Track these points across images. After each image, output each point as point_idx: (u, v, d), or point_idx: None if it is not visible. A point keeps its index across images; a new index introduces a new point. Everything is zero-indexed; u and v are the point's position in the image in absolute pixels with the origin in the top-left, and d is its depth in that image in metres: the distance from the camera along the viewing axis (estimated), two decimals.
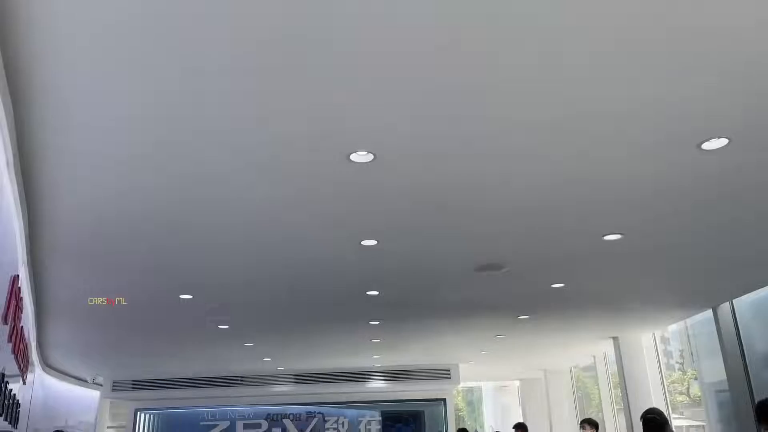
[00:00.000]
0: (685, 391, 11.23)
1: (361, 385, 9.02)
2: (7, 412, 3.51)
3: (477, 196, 2.90)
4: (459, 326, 6.08)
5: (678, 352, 13.43)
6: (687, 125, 2.30)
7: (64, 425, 7.33)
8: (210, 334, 5.92)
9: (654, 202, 3.00)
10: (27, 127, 2.19)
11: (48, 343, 6.05)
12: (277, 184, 2.73)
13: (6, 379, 3.18)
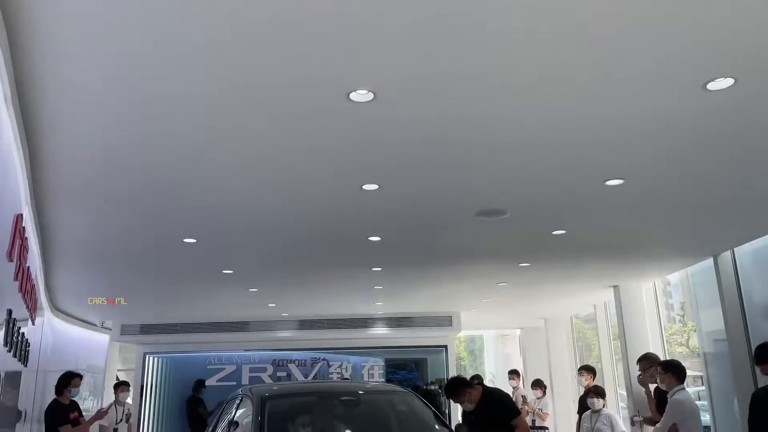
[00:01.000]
0: (684, 342, 11.41)
1: (363, 332, 9.20)
2: (17, 349, 3.60)
3: (479, 138, 2.88)
4: (460, 273, 6.14)
5: (679, 305, 13.57)
6: (692, 64, 2.26)
7: (75, 368, 7.50)
8: (215, 279, 6.00)
9: (657, 145, 2.98)
10: (26, 59, 2.17)
11: (56, 286, 6.16)
12: (276, 126, 2.71)
13: (14, 317, 3.24)
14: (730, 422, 5.64)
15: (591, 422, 6.74)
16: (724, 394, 5.78)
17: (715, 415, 5.94)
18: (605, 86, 2.41)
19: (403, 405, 5.30)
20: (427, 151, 3.01)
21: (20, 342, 3.72)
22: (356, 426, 5.06)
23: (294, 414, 4.97)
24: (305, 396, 5.53)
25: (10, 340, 3.17)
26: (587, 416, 6.88)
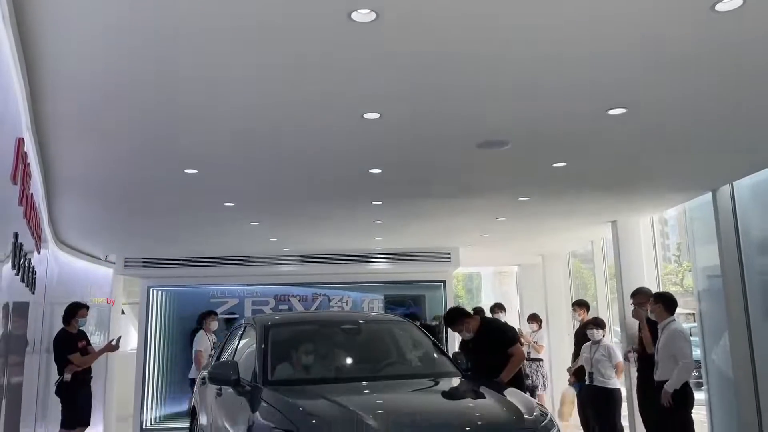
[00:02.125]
0: (679, 282, 11.61)
1: (364, 267, 9.34)
2: (24, 274, 3.67)
3: (482, 64, 2.85)
4: (460, 208, 6.18)
5: (675, 246, 13.74)
6: None
7: (80, 300, 7.64)
8: (217, 211, 6.04)
9: (661, 70, 2.95)
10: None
11: (59, 218, 6.21)
12: (274, 50, 2.67)
13: (20, 241, 3.29)
14: (720, 356, 5.80)
15: (590, 353, 6.95)
16: (715, 330, 5.93)
17: (705, 350, 6.11)
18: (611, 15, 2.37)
19: (402, 334, 5.46)
20: (430, 75, 2.98)
21: (27, 268, 3.78)
22: (357, 353, 5.23)
23: (296, 342, 5.13)
24: (307, 324, 5.68)
25: (18, 263, 3.23)
26: (587, 347, 7.08)
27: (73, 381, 6.69)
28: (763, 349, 5.03)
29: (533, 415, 3.87)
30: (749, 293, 5.17)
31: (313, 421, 3.61)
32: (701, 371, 6.26)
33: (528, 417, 3.82)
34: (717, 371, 5.91)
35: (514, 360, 5.40)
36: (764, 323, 5.08)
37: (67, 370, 6.66)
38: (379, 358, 5.16)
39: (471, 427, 3.64)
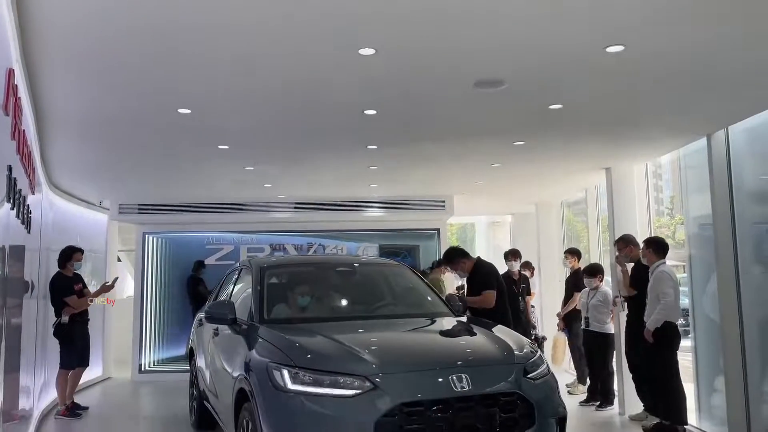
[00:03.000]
0: (671, 235, 11.73)
1: (359, 214, 9.36)
2: (19, 210, 3.67)
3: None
4: (455, 152, 6.16)
5: (668, 199, 13.80)
6: None
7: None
8: (211, 154, 6.00)
9: (660, 6, 2.91)
10: None
11: (52, 160, 6.16)
12: None
13: (14, 176, 3.28)
14: (708, 303, 5.91)
15: (588, 298, 7.13)
16: (704, 278, 6.03)
17: (693, 298, 6.23)
18: None
19: (397, 276, 5.54)
20: (427, 5, 2.92)
21: (21, 203, 3.77)
22: (352, 294, 5.32)
23: (292, 283, 5.20)
24: (303, 266, 5.75)
25: (12, 197, 3.22)
26: (585, 292, 7.25)
27: (70, 323, 6.79)
28: (750, 295, 5.13)
29: (523, 351, 3.98)
30: (739, 241, 5.23)
31: (308, 356, 3.70)
32: (688, 319, 6.40)
33: (518, 353, 3.93)
34: (704, 318, 6.04)
35: (478, 299, 5.60)
36: (752, 270, 5.16)
37: (64, 313, 6.75)
38: (374, 299, 5.25)
39: (462, 362, 3.74)
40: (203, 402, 5.81)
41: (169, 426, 6.35)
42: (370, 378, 3.45)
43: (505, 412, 3.54)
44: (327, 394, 3.44)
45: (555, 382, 4.00)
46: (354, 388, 3.42)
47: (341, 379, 3.47)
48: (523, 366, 3.79)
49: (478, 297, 5.71)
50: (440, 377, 3.52)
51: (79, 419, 6.76)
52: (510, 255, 8.06)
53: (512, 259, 7.97)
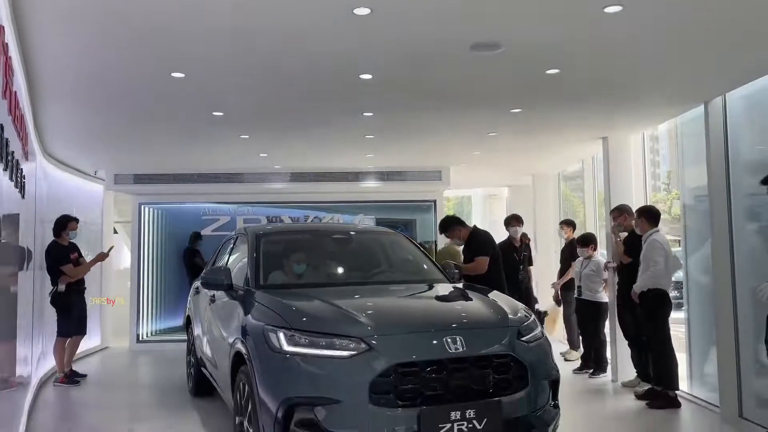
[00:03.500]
0: (667, 210, 11.77)
1: (355, 185, 9.34)
2: (12, 173, 3.64)
3: None
4: (452, 121, 6.13)
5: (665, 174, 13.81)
6: None
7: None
8: (206, 122, 5.96)
9: None
10: None
11: (45, 127, 6.11)
12: None
13: (6, 136, 3.25)
14: (702, 275, 5.95)
15: (581, 267, 7.20)
16: (698, 249, 6.05)
17: (687, 270, 6.26)
18: None
19: (393, 243, 5.55)
20: None
21: (14, 166, 3.75)
22: (348, 261, 5.33)
23: (288, 250, 5.20)
24: (299, 234, 5.76)
25: (4, 158, 3.20)
26: (579, 261, 7.32)
27: (67, 291, 6.81)
28: (744, 265, 5.14)
29: (517, 315, 4.02)
30: (734, 211, 5.24)
31: (304, 319, 3.72)
32: (682, 291, 6.45)
33: (512, 317, 3.96)
34: (697, 290, 6.09)
35: (470, 265, 5.66)
36: (747, 241, 5.17)
37: (60, 281, 6.77)
38: (370, 266, 5.27)
39: (457, 324, 3.77)
40: (200, 369, 5.86)
41: (167, 393, 6.42)
42: (366, 339, 3.47)
43: (499, 374, 3.57)
44: (323, 355, 3.47)
45: (548, 346, 4.04)
46: (349, 349, 3.45)
47: (337, 340, 3.50)
48: (517, 329, 3.83)
49: (471, 264, 5.76)
50: (435, 339, 3.55)
51: (78, 386, 6.82)
52: (512, 220, 7.60)
53: (515, 225, 7.55)
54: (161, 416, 5.63)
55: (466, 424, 3.39)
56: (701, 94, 5.25)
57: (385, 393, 3.34)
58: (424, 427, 3.32)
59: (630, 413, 5.51)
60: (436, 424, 3.34)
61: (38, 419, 5.53)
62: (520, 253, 7.52)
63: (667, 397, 5.57)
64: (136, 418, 5.59)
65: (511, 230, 7.55)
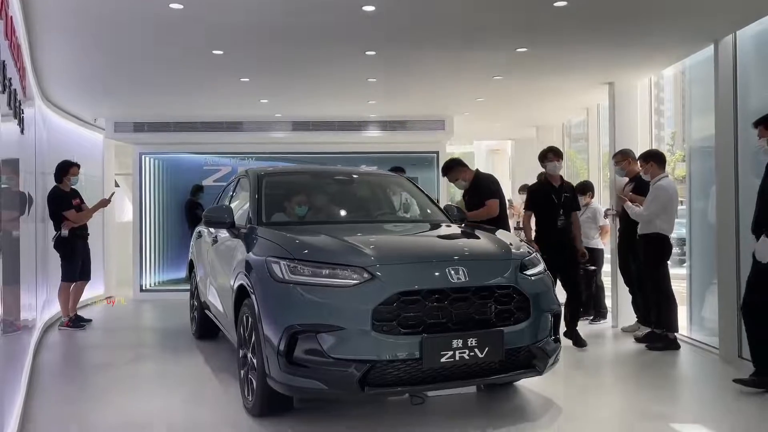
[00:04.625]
0: (671, 172, 11.70)
1: (356, 135, 9.26)
2: (11, 101, 3.59)
3: None
4: (456, 61, 5.99)
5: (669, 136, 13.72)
6: None
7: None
8: (205, 61, 5.85)
9: None
10: None
11: (43, 68, 6.02)
12: None
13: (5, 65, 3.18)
14: (705, 226, 5.93)
15: (578, 215, 7.15)
16: (702, 203, 6.03)
17: (691, 220, 6.24)
18: None
19: (396, 186, 5.52)
20: None
21: (14, 96, 3.69)
22: (350, 201, 5.30)
23: (290, 190, 5.17)
24: (301, 174, 5.71)
25: (2, 82, 3.14)
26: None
27: (71, 236, 6.82)
28: (748, 211, 5.06)
29: (520, 250, 4.01)
30: (740, 160, 5.18)
31: (307, 250, 3.72)
32: (684, 248, 6.44)
33: (515, 250, 3.95)
34: (700, 243, 6.09)
35: (482, 210, 5.63)
36: (752, 189, 5.11)
37: (63, 226, 6.77)
38: (373, 207, 5.25)
39: (459, 256, 3.76)
40: (204, 312, 5.91)
41: (170, 336, 6.49)
42: (369, 269, 3.47)
43: (501, 305, 3.58)
44: (326, 284, 3.48)
45: (551, 282, 4.05)
46: (352, 278, 3.45)
47: (340, 270, 3.50)
48: (520, 262, 3.83)
49: (482, 208, 5.67)
50: (437, 269, 3.55)
51: (83, 330, 6.90)
52: (549, 153, 5.86)
53: (553, 159, 5.80)
54: (165, 355, 5.71)
55: (468, 352, 3.41)
56: (711, 31, 5.13)
57: (387, 321, 3.35)
58: (426, 353, 3.34)
59: (630, 355, 5.56)
60: (438, 351, 3.36)
61: (43, 358, 5.61)
62: (560, 195, 5.77)
63: (667, 339, 5.61)
64: (140, 357, 5.66)
65: (549, 165, 5.80)
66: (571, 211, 5.86)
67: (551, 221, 5.70)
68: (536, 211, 5.93)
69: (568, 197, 5.82)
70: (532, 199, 5.96)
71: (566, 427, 3.71)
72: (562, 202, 5.74)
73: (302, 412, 3.91)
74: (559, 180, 5.89)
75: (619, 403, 4.32)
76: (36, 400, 4.35)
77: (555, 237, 5.69)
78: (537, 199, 5.88)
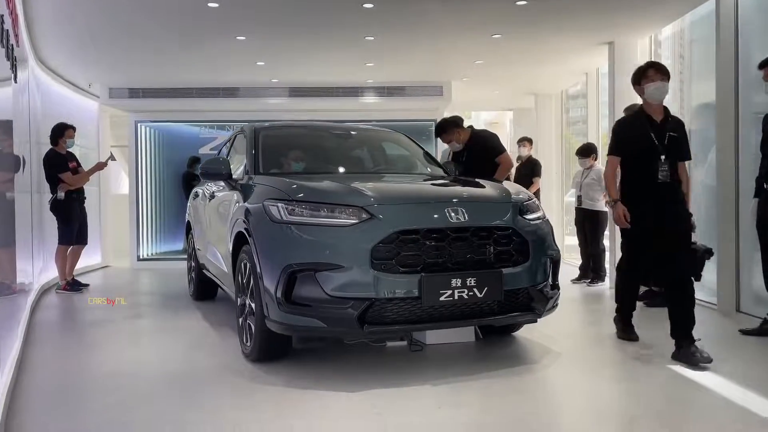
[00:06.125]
0: None
1: (354, 101, 9.18)
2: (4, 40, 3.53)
3: None
4: (456, 16, 5.87)
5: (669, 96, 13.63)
6: None
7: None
8: (199, 14, 5.74)
9: None
10: None
11: (36, 24, 5.93)
12: None
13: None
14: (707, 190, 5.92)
15: (581, 177, 7.17)
16: (702, 156, 6.00)
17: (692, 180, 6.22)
18: None
19: (394, 142, 5.47)
20: None
21: (6, 39, 3.64)
22: (349, 155, 5.26)
23: (288, 144, 5.12)
24: (299, 129, 5.66)
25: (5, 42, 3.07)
26: (579, 172, 7.30)
27: (67, 199, 6.77)
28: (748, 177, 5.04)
29: (519, 195, 3.99)
30: (741, 117, 5.14)
31: (305, 192, 3.69)
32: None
33: (514, 195, 3.93)
34: (700, 203, 6.09)
35: (501, 167, 5.50)
36: (753, 146, 5.09)
37: (59, 188, 6.72)
38: (371, 162, 5.20)
39: (458, 198, 3.74)
40: (201, 272, 5.89)
41: (169, 299, 6.47)
42: (367, 209, 3.45)
43: (500, 246, 3.57)
44: (324, 224, 3.45)
45: (550, 228, 4.02)
46: (351, 218, 3.43)
47: (338, 209, 3.47)
48: (519, 206, 3.81)
49: (501, 167, 5.36)
50: (436, 210, 3.54)
51: (80, 293, 6.87)
52: (651, 70, 4.07)
53: (657, 78, 3.99)
54: (164, 313, 5.70)
55: (467, 291, 3.40)
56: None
57: (386, 260, 3.34)
58: (426, 292, 3.33)
59: None
60: (437, 290, 3.35)
61: (41, 316, 5.60)
62: (663, 134, 4.01)
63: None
64: (139, 315, 5.65)
65: (650, 89, 3.97)
66: (679, 159, 4.08)
67: (649, 172, 3.97)
68: (626, 157, 4.13)
69: (675, 138, 4.01)
70: (622, 139, 4.15)
71: (564, 369, 3.72)
72: (666, 145, 3.97)
73: (300, 357, 3.91)
74: (661, 112, 4.04)
75: (618, 349, 4.33)
76: (33, 349, 4.35)
77: (654, 196, 3.98)
78: (628, 139, 4.08)
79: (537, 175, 7.86)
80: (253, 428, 2.78)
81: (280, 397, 3.18)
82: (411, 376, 3.49)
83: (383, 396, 3.17)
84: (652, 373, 3.59)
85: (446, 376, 3.49)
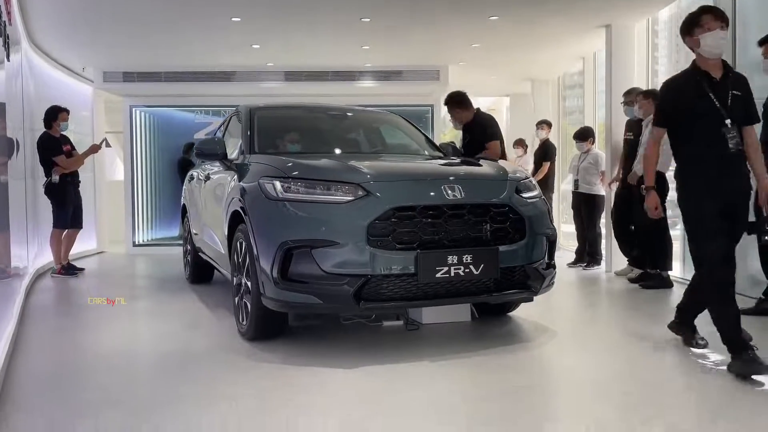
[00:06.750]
0: None
1: (350, 86, 9.12)
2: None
3: None
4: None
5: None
6: None
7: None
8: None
9: None
10: None
11: (29, 12, 5.87)
12: None
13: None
14: None
15: (579, 161, 7.16)
16: None
17: None
18: None
19: (392, 124, 5.44)
20: None
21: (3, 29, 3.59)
22: (345, 136, 5.24)
23: (283, 124, 5.10)
24: (295, 109, 5.63)
25: None
26: (576, 156, 7.29)
27: (62, 183, 6.72)
28: None
29: (516, 174, 3.98)
30: None
31: (300, 170, 3.67)
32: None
33: (511, 174, 3.92)
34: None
35: (485, 153, 5.47)
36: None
37: (54, 172, 6.67)
38: (368, 143, 5.18)
39: (455, 176, 3.73)
40: (197, 255, 5.87)
41: (165, 282, 6.46)
42: (364, 185, 3.43)
43: (497, 224, 3.56)
44: (320, 200, 3.44)
45: (547, 208, 4.02)
46: (347, 195, 3.42)
47: (334, 186, 3.46)
48: (516, 184, 3.80)
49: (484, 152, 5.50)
50: (433, 187, 3.53)
51: (75, 277, 6.85)
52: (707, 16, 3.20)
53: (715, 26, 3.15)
54: (160, 295, 5.69)
55: (463, 268, 3.40)
56: None
57: (383, 236, 3.33)
58: (422, 268, 3.32)
59: (624, 293, 5.59)
60: (433, 267, 3.34)
61: (36, 299, 5.58)
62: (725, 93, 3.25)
63: (660, 278, 5.63)
64: (135, 296, 5.65)
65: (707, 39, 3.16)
66: (746, 123, 3.26)
67: (714, 142, 3.16)
68: (679, 127, 3.30)
69: (739, 97, 3.20)
70: (672, 104, 3.32)
71: (559, 347, 3.73)
72: (730, 107, 3.17)
73: (296, 336, 3.91)
74: (721, 68, 3.22)
75: (613, 328, 4.35)
76: (28, 328, 4.33)
77: (722, 168, 3.17)
78: (682, 103, 3.25)
79: (547, 159, 7.84)
80: (249, 403, 2.78)
81: (276, 373, 3.18)
82: (407, 354, 3.49)
83: (380, 373, 3.17)
84: (648, 353, 3.60)
85: (443, 354, 3.50)
